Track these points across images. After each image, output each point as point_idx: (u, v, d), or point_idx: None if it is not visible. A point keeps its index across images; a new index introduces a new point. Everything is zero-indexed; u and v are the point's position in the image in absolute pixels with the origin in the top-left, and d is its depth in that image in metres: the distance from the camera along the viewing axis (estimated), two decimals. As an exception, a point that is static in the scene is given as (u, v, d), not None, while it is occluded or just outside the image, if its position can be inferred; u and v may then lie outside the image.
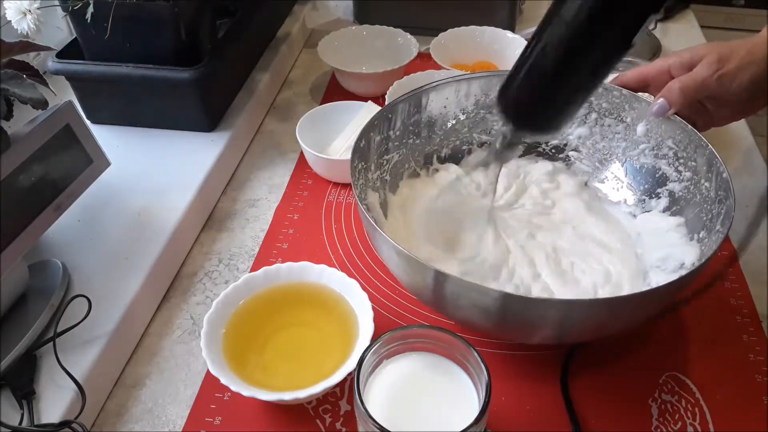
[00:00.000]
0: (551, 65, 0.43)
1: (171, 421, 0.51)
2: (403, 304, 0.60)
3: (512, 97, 0.46)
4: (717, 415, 0.51)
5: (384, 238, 0.48)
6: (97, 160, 0.57)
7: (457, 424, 0.39)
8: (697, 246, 0.54)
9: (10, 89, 0.50)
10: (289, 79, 0.94)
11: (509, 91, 0.46)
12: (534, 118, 0.47)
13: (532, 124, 0.48)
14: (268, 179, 0.75)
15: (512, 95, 0.46)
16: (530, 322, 0.47)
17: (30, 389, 0.49)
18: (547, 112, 0.46)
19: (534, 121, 0.48)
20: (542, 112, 0.46)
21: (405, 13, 0.96)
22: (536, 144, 0.68)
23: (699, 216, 0.56)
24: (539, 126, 0.48)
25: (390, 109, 0.62)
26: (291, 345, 0.53)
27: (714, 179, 0.54)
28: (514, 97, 0.46)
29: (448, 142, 0.67)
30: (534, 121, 0.48)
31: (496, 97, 0.48)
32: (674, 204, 0.60)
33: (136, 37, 0.69)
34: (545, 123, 0.47)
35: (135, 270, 0.58)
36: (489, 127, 0.68)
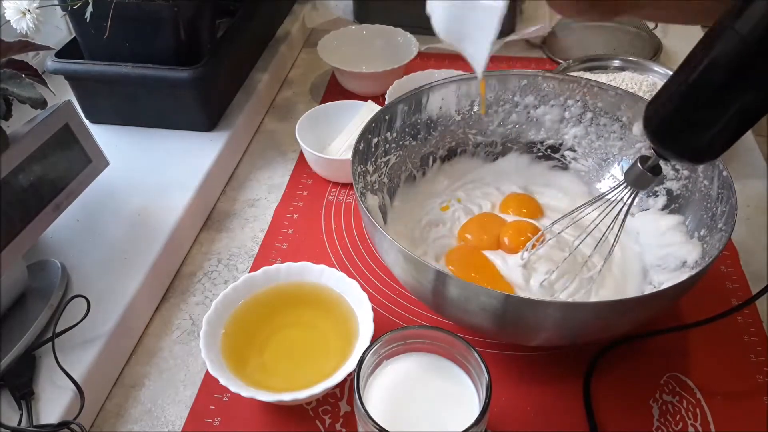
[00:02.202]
0: (720, 83, 0.37)
1: (170, 422, 0.51)
2: (403, 304, 0.60)
3: (664, 118, 0.41)
4: (718, 416, 0.51)
5: (386, 237, 0.48)
6: (95, 160, 0.57)
7: (458, 424, 0.39)
8: (698, 244, 0.54)
9: (9, 89, 0.50)
10: (288, 78, 0.94)
11: (660, 112, 0.41)
12: (692, 142, 0.41)
13: (687, 150, 0.41)
14: (267, 179, 0.75)
15: (665, 116, 0.41)
16: (531, 324, 0.47)
17: (29, 389, 0.49)
18: (710, 136, 0.40)
19: (691, 147, 0.41)
20: (703, 135, 0.40)
21: (405, 13, 0.96)
22: (531, 144, 0.68)
23: (699, 214, 0.56)
24: (697, 152, 0.41)
25: (388, 110, 0.61)
26: (291, 345, 0.53)
27: (715, 178, 0.54)
28: (667, 118, 0.41)
29: (443, 143, 0.67)
30: (691, 147, 0.41)
31: (643, 119, 0.42)
32: (673, 202, 0.60)
33: (135, 37, 0.69)
34: (704, 149, 0.41)
35: (134, 270, 0.58)
36: (484, 128, 0.67)
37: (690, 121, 0.40)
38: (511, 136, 0.68)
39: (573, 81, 0.64)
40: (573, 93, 0.64)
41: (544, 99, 0.65)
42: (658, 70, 0.80)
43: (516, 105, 0.66)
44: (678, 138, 0.41)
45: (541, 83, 0.65)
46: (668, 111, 0.40)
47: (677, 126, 0.40)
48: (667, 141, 0.42)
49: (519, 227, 0.59)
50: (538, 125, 0.67)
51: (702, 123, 0.39)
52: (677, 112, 0.40)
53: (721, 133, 0.39)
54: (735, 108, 0.37)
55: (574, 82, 0.64)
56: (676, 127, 0.41)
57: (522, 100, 0.66)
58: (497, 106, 0.66)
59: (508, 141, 0.68)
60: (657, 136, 0.42)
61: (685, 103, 0.39)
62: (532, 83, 0.65)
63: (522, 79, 0.65)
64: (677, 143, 0.41)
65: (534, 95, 0.65)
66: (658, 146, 0.42)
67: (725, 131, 0.39)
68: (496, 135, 0.68)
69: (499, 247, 0.59)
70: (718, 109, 0.38)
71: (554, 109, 0.65)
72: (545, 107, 0.65)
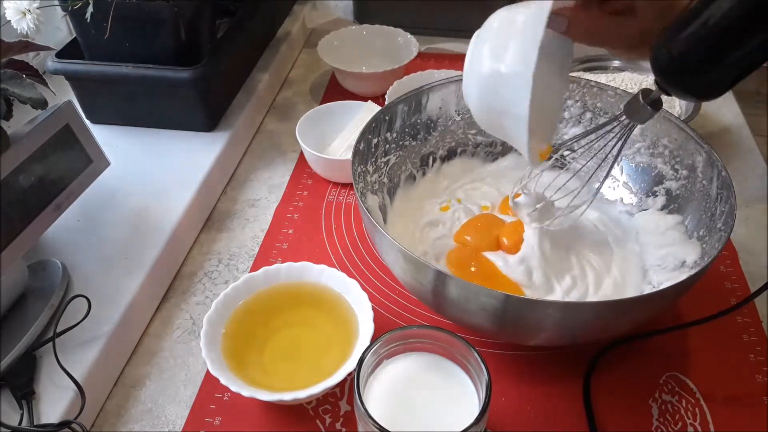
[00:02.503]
0: (738, 21, 0.37)
1: (170, 422, 0.51)
2: (403, 304, 0.60)
3: (677, 48, 0.40)
4: (717, 416, 0.51)
5: (386, 237, 0.48)
6: (96, 160, 0.57)
7: (457, 424, 0.39)
8: (697, 244, 0.54)
9: (10, 89, 0.50)
10: (288, 78, 0.94)
11: (673, 42, 0.40)
12: (698, 76, 0.40)
13: (691, 83, 0.41)
14: (267, 179, 0.75)
15: (678, 46, 0.40)
16: (531, 324, 0.47)
17: (29, 389, 0.49)
18: (720, 73, 0.40)
19: (699, 85, 0.41)
20: (713, 73, 0.40)
21: (405, 13, 0.96)
22: None
23: (698, 214, 0.56)
24: (704, 89, 0.41)
25: (388, 111, 0.62)
26: (291, 345, 0.53)
27: (714, 178, 0.54)
28: (680, 49, 0.40)
29: (443, 143, 0.67)
30: (699, 85, 0.41)
31: (652, 54, 0.42)
32: (672, 202, 0.60)
33: (135, 37, 0.69)
34: (712, 87, 0.41)
35: (135, 270, 0.58)
36: None
37: (703, 59, 0.39)
38: None
39: (572, 81, 0.64)
40: (572, 93, 0.64)
41: None
42: (657, 71, 0.80)
43: None
44: (687, 75, 0.41)
45: None
46: (681, 48, 0.40)
47: (689, 64, 0.40)
48: (676, 77, 0.41)
49: (518, 227, 0.59)
50: None
51: (714, 61, 0.39)
52: (691, 50, 0.39)
53: (730, 71, 0.39)
54: (751, 46, 0.38)
55: (574, 82, 0.64)
56: (687, 65, 0.40)
57: None
58: None
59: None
60: (665, 72, 0.41)
61: (699, 42, 0.39)
62: None
63: None
64: (686, 80, 0.41)
65: None
66: (667, 82, 0.42)
67: (735, 69, 0.39)
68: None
69: (498, 248, 0.59)
70: (734, 48, 0.38)
71: None
72: None
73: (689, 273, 0.50)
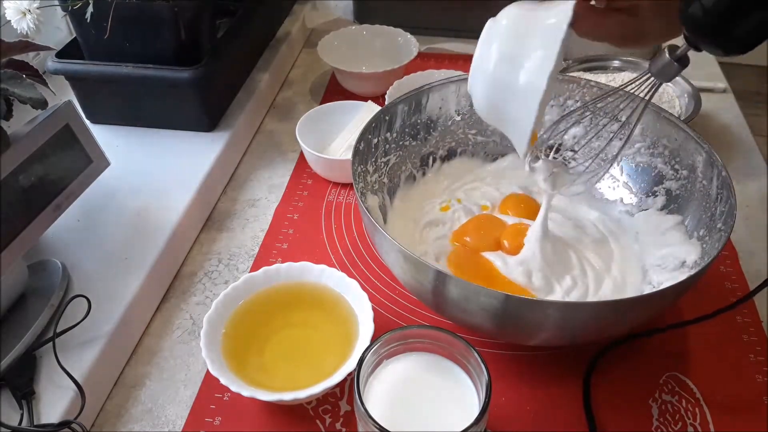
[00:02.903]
0: None
1: (171, 422, 0.51)
2: (403, 304, 0.60)
3: (710, 8, 0.39)
4: (717, 415, 0.51)
5: (386, 238, 0.48)
6: (96, 160, 0.57)
7: (457, 424, 0.39)
8: (697, 244, 0.54)
9: (10, 89, 0.50)
10: (289, 78, 0.94)
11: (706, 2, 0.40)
12: (734, 32, 0.39)
13: (726, 34, 0.40)
14: (267, 179, 0.75)
15: (711, 6, 0.39)
16: (531, 324, 0.47)
17: (29, 389, 0.49)
18: (754, 23, 0.39)
19: (732, 37, 0.40)
20: (746, 24, 0.39)
21: (405, 13, 0.96)
22: None
23: (698, 214, 0.56)
24: (736, 42, 0.40)
25: (388, 111, 0.62)
26: (291, 345, 0.53)
27: (714, 178, 0.54)
28: (714, 8, 0.39)
29: (443, 143, 0.67)
30: (732, 37, 0.40)
31: (684, 10, 0.41)
32: (672, 202, 0.60)
33: (135, 37, 0.69)
34: (744, 38, 0.40)
35: (135, 270, 0.58)
36: (484, 128, 0.68)
37: (738, 10, 0.39)
38: None
39: (572, 81, 0.64)
40: (572, 93, 0.64)
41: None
42: (657, 71, 0.80)
43: None
44: (721, 27, 0.40)
45: None
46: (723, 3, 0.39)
47: (725, 16, 0.39)
48: (710, 31, 0.40)
49: (519, 229, 0.59)
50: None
51: (749, 12, 0.38)
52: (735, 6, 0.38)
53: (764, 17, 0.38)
54: None
55: (574, 82, 0.64)
56: (723, 17, 0.39)
57: None
58: None
59: (507, 141, 0.68)
60: (700, 24, 0.40)
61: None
62: None
63: None
64: (721, 31, 0.40)
65: None
66: (701, 35, 0.41)
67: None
68: (496, 135, 0.68)
69: (498, 248, 0.59)
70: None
71: (553, 110, 0.65)
72: None
73: (689, 273, 0.50)
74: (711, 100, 0.78)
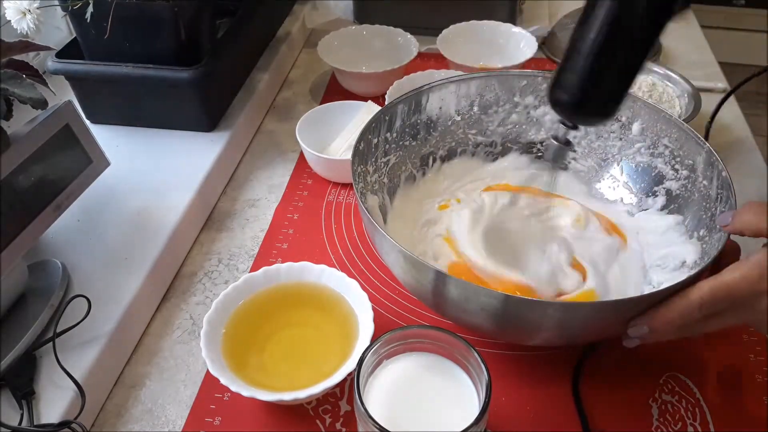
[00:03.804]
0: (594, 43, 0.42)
1: (171, 422, 0.51)
2: (403, 304, 0.60)
3: (565, 86, 0.44)
4: (717, 415, 0.51)
5: (386, 238, 0.48)
6: (96, 160, 0.57)
7: (457, 424, 0.39)
8: (697, 244, 0.54)
9: (10, 89, 0.50)
10: (288, 78, 0.94)
11: (561, 81, 0.45)
12: (589, 102, 0.45)
13: (587, 110, 0.45)
14: (267, 179, 0.75)
15: (564, 83, 0.44)
16: (531, 324, 0.47)
17: (29, 389, 0.49)
18: (601, 92, 0.44)
19: (590, 107, 0.45)
20: (596, 93, 0.44)
21: (405, 13, 0.96)
22: (531, 144, 0.68)
23: (698, 214, 0.56)
24: (596, 110, 0.45)
25: (388, 111, 0.61)
26: (291, 345, 0.53)
27: (714, 178, 0.54)
28: (567, 85, 0.44)
29: (443, 143, 0.67)
30: (590, 107, 0.45)
31: (547, 92, 0.46)
32: (672, 202, 0.60)
33: (135, 37, 0.69)
34: (602, 106, 0.45)
35: (135, 270, 0.58)
36: (484, 128, 0.68)
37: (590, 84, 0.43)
38: (511, 136, 0.68)
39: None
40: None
41: (544, 99, 0.65)
42: (657, 71, 0.80)
43: (516, 105, 0.66)
44: (583, 101, 0.44)
45: (541, 83, 0.65)
46: (573, 82, 0.43)
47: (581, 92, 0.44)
48: (575, 107, 0.45)
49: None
50: (538, 125, 0.67)
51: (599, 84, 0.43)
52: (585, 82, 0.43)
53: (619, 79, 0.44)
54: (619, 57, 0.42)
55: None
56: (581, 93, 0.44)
57: (522, 100, 0.66)
58: (497, 107, 0.67)
59: (508, 141, 0.68)
60: (566, 106, 0.45)
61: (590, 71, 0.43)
62: (531, 83, 0.65)
63: (522, 79, 0.65)
64: (590, 105, 0.45)
65: (534, 95, 0.66)
66: (570, 114, 0.46)
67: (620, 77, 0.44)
68: (496, 135, 0.68)
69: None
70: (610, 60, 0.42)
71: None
72: (545, 107, 0.66)
73: (689, 273, 0.50)
74: (711, 100, 0.78)
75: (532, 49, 0.86)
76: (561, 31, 0.96)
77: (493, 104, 0.66)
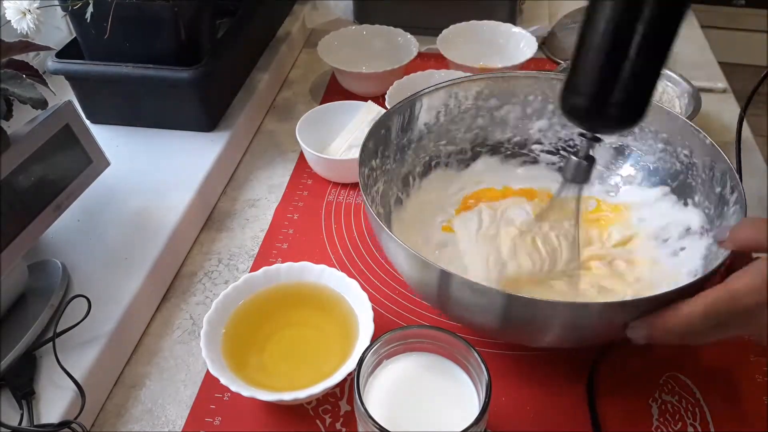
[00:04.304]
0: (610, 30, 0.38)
1: (171, 422, 0.51)
2: (403, 304, 0.60)
3: (580, 88, 0.41)
4: (717, 416, 0.51)
5: (392, 238, 0.48)
6: (96, 160, 0.57)
7: (457, 424, 0.39)
8: (697, 210, 0.56)
9: (10, 89, 0.50)
10: (288, 78, 0.94)
11: (574, 84, 0.41)
12: (612, 103, 0.40)
13: (610, 112, 0.41)
14: (267, 179, 0.75)
15: (579, 86, 0.41)
16: (537, 325, 0.46)
17: (29, 389, 0.49)
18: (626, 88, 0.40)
19: (613, 108, 0.41)
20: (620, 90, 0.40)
21: (405, 13, 0.96)
22: (499, 144, 0.68)
23: (685, 182, 0.57)
24: (622, 112, 0.41)
25: (369, 140, 0.58)
26: (291, 345, 0.53)
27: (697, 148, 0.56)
28: (583, 87, 0.41)
29: (418, 160, 0.65)
30: (613, 108, 0.41)
31: (559, 101, 0.42)
32: (652, 175, 0.61)
33: (135, 37, 0.69)
34: (628, 105, 0.41)
35: (135, 270, 0.58)
36: (452, 137, 0.66)
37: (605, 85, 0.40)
38: (478, 140, 0.67)
39: (530, 77, 0.65)
40: (532, 89, 0.65)
41: (505, 99, 0.65)
42: (657, 70, 0.80)
43: (479, 109, 0.66)
44: (599, 105, 0.41)
45: (500, 84, 0.65)
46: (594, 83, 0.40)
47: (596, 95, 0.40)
48: (603, 114, 0.41)
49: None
50: (503, 125, 0.67)
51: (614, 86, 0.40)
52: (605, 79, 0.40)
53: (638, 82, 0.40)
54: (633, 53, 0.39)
55: (531, 77, 0.64)
56: (596, 97, 0.41)
57: (485, 103, 0.66)
58: (464, 114, 0.66)
59: (476, 145, 0.68)
60: (588, 114, 0.42)
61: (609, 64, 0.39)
62: (490, 86, 0.65)
63: (478, 84, 0.65)
64: (610, 110, 0.41)
65: (495, 97, 0.65)
66: (596, 123, 0.43)
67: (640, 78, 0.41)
68: (465, 141, 0.67)
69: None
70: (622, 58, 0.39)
71: (516, 107, 0.66)
72: (508, 106, 0.66)
73: (699, 239, 0.52)
74: (711, 100, 0.78)
75: (532, 49, 0.86)
76: (561, 31, 0.96)
77: (458, 112, 0.66)
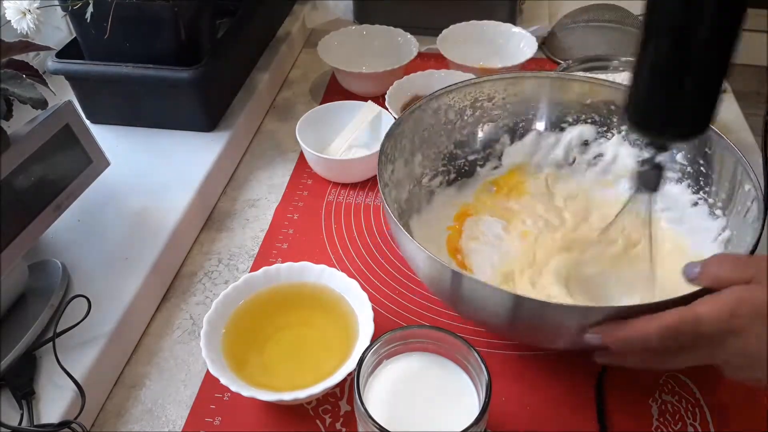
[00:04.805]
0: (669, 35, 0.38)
1: (171, 422, 0.51)
2: (403, 304, 0.60)
3: (645, 100, 0.40)
4: (717, 415, 0.51)
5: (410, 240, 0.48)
6: (96, 160, 0.57)
7: (457, 424, 0.39)
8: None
9: (10, 89, 0.50)
10: (288, 78, 0.94)
11: (639, 96, 0.40)
12: (679, 110, 0.39)
13: (678, 120, 0.40)
14: (267, 179, 0.75)
15: (644, 98, 0.40)
16: (549, 327, 0.46)
17: (29, 389, 0.49)
18: (691, 94, 0.39)
19: (681, 116, 0.40)
20: (685, 97, 0.39)
21: (405, 13, 0.96)
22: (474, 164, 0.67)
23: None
24: (688, 119, 0.40)
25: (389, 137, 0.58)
26: (291, 345, 0.53)
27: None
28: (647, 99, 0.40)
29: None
30: (681, 116, 0.40)
31: (625, 113, 0.41)
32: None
33: (135, 37, 0.69)
34: (695, 112, 0.40)
35: (135, 270, 0.58)
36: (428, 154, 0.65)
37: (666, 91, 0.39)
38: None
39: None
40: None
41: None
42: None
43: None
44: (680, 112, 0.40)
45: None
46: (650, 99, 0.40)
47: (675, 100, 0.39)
48: (670, 123, 0.40)
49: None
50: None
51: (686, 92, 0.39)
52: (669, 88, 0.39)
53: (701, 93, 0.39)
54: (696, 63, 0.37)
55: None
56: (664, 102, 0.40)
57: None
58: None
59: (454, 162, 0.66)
60: (654, 124, 0.41)
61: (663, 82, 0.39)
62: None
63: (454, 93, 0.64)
64: (681, 118, 0.40)
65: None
66: (663, 132, 0.41)
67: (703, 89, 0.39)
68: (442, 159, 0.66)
69: None
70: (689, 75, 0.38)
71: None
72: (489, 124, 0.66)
73: None
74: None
75: (532, 49, 0.86)
76: (561, 31, 0.96)
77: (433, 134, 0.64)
